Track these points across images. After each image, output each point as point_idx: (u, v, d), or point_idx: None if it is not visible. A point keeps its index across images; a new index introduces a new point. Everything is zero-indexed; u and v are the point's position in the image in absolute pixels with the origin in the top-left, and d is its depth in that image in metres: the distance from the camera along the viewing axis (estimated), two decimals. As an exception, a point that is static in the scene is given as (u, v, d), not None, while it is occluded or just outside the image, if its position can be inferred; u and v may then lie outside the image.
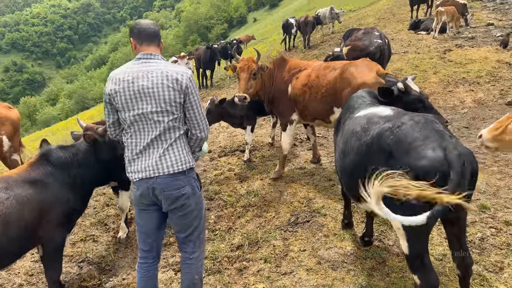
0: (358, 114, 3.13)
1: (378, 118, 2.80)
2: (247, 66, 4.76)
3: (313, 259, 3.63)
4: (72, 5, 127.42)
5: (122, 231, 4.55)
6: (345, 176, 3.14)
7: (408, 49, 11.23)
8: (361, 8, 24.49)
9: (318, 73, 4.84)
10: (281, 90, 5.11)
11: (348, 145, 2.96)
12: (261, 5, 69.11)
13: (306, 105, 4.94)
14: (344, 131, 3.18)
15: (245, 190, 5.19)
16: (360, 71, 4.37)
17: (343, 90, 4.41)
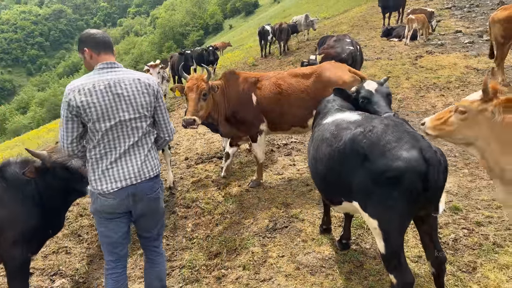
0: (326, 121, 3.19)
1: (347, 123, 2.86)
2: (196, 86, 4.32)
3: (292, 265, 3.62)
4: (43, 12, 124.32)
5: None
6: (319, 181, 3.18)
7: (381, 56, 11.49)
8: (335, 15, 24.95)
9: (289, 80, 4.88)
10: (241, 103, 4.85)
11: (319, 151, 3.00)
12: (236, 12, 69.42)
13: (282, 113, 4.88)
14: (314, 137, 3.23)
15: (223, 197, 5.15)
16: (335, 72, 4.84)
17: (323, 92, 4.59)
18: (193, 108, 4.25)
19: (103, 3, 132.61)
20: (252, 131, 5.00)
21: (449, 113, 2.72)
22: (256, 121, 4.95)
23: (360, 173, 2.54)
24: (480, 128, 2.53)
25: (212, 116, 4.73)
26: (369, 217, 2.57)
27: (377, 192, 2.46)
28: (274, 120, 4.97)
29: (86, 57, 2.66)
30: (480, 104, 2.50)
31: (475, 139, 2.57)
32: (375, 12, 19.34)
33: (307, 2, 42.36)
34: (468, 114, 2.55)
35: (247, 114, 4.88)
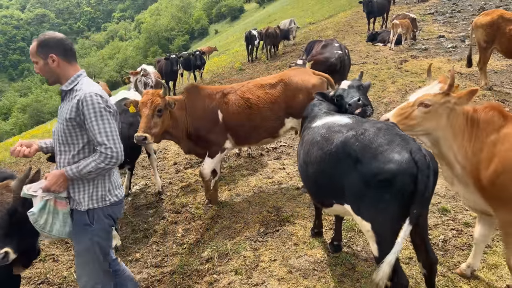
0: (316, 124, 3.21)
1: (338, 126, 2.89)
2: (151, 101, 4.00)
3: (284, 268, 3.61)
4: (25, 16, 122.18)
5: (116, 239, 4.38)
6: (310, 184, 3.20)
7: (367, 60, 11.64)
8: (320, 20, 25.20)
9: (257, 92, 4.67)
10: (206, 120, 4.51)
11: (310, 154, 3.02)
12: (222, 17, 69.41)
13: (253, 127, 4.66)
14: (304, 141, 3.24)
15: (213, 202, 5.11)
16: (302, 77, 4.81)
17: (294, 98, 4.66)
18: (145, 125, 3.90)
19: (87, 8, 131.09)
20: (214, 148, 4.63)
21: (410, 108, 2.92)
22: (221, 139, 4.63)
23: (352, 176, 2.55)
24: (440, 119, 2.84)
25: (170, 133, 4.37)
26: (361, 220, 2.59)
27: (369, 195, 2.47)
28: (243, 135, 4.71)
29: (50, 64, 2.55)
30: (443, 97, 2.82)
31: (434, 129, 2.87)
32: (360, 17, 19.62)
33: (292, 7, 42.71)
34: (432, 107, 2.82)
35: (212, 132, 4.54)
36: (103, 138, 2.51)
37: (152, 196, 5.58)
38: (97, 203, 2.66)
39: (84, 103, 2.48)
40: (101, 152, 2.51)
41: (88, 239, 2.65)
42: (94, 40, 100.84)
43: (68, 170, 2.52)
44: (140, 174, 6.49)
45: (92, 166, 2.50)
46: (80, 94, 2.52)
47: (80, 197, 2.64)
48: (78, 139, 2.59)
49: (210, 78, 15.76)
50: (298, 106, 4.62)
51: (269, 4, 58.09)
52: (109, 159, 2.52)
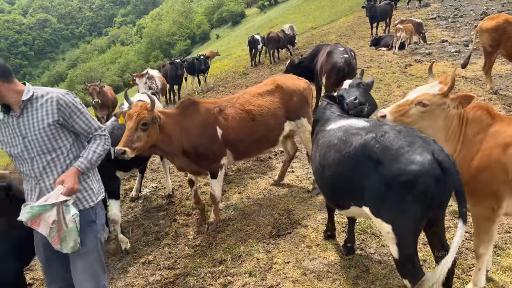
0: (331, 127, 3.23)
1: (356, 129, 2.90)
2: (137, 113, 3.77)
3: (298, 271, 3.63)
4: (27, 21, 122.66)
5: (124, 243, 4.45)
6: (326, 187, 3.21)
7: (371, 64, 11.69)
8: (322, 25, 25.31)
9: (257, 101, 4.63)
10: (203, 136, 4.29)
11: (326, 157, 3.03)
12: (223, 22, 69.65)
13: (256, 140, 4.58)
14: (319, 144, 3.25)
15: (224, 204, 5.14)
16: (292, 81, 5.01)
17: (290, 101, 4.81)
18: (126, 138, 3.66)
19: (88, 13, 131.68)
20: (214, 166, 4.44)
21: (408, 105, 2.94)
22: (219, 156, 4.44)
23: (373, 178, 2.57)
24: (435, 119, 2.90)
25: (161, 148, 4.11)
26: (382, 222, 2.59)
27: (390, 197, 2.48)
28: (243, 149, 4.59)
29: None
30: (441, 98, 2.86)
31: (427, 128, 2.92)
32: (362, 22, 19.71)
33: (293, 12, 42.89)
34: (429, 107, 2.87)
35: (210, 148, 4.33)
36: (97, 123, 2.73)
37: (162, 199, 5.61)
38: (97, 197, 2.75)
39: (66, 101, 2.58)
40: (100, 135, 2.71)
41: (94, 236, 2.67)
42: (96, 44, 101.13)
43: (80, 164, 2.54)
44: (149, 177, 6.51)
45: (100, 149, 2.65)
46: (54, 95, 2.57)
47: (85, 194, 2.67)
48: (64, 140, 2.61)
49: (213, 82, 15.82)
50: (293, 109, 4.86)
51: (270, 9, 58.38)
52: (107, 139, 2.74)
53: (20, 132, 2.53)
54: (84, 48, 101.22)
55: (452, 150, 2.86)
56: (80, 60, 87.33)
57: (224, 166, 4.55)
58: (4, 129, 2.58)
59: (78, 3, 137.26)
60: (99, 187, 2.82)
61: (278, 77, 5.10)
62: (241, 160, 4.91)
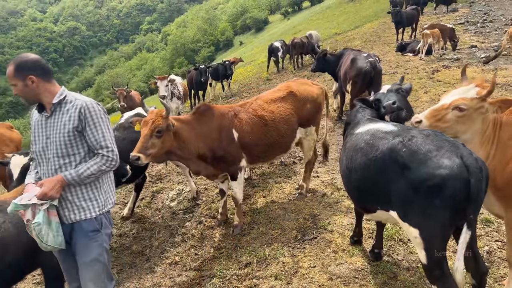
0: (359, 130, 3.22)
1: (383, 133, 2.89)
2: (152, 121, 3.81)
3: (324, 275, 3.61)
4: (58, 29, 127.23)
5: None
6: (353, 190, 3.20)
7: (397, 70, 11.53)
8: (346, 31, 25.15)
9: (270, 108, 4.65)
10: (221, 139, 4.33)
11: (353, 161, 3.03)
12: (247, 28, 70.28)
13: (269, 145, 4.61)
14: (347, 147, 3.26)
15: (249, 208, 5.17)
16: (305, 87, 5.03)
17: (303, 108, 4.86)
18: (141, 145, 3.70)
19: (116, 20, 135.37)
20: (233, 168, 4.50)
21: (444, 110, 2.86)
22: (237, 158, 4.49)
23: (400, 182, 2.55)
24: (471, 123, 2.81)
25: (177, 154, 4.15)
26: (409, 226, 2.57)
27: (418, 201, 2.46)
28: (257, 154, 4.61)
29: (30, 85, 2.58)
30: (478, 102, 2.77)
31: (463, 133, 2.85)
32: (387, 28, 19.48)
33: (317, 18, 42.79)
34: (466, 111, 2.78)
35: (228, 151, 4.37)
36: (106, 142, 2.67)
37: (188, 201, 5.69)
38: (104, 207, 2.76)
39: (87, 110, 2.62)
40: (103, 155, 2.65)
41: (98, 245, 2.69)
42: (122, 51, 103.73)
43: (67, 175, 2.56)
44: (175, 180, 6.62)
45: (94, 169, 2.61)
46: (79, 103, 2.64)
47: (89, 204, 2.69)
48: (79, 148, 2.66)
49: (237, 88, 15.96)
50: (306, 116, 4.91)
51: (293, 16, 58.50)
52: (110, 161, 2.68)
53: (45, 133, 2.66)
54: (111, 54, 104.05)
55: (486, 155, 2.79)
56: (107, 66, 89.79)
57: (243, 168, 4.60)
58: (35, 128, 2.73)
59: (106, 11, 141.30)
60: (107, 198, 2.81)
61: (291, 83, 5.10)
62: (254, 164, 4.93)
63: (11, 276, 2.94)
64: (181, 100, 10.71)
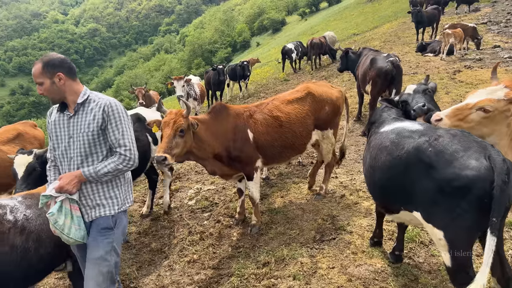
0: (384, 129, 3.18)
1: (409, 132, 2.83)
2: (173, 121, 3.80)
3: (343, 277, 3.57)
4: (79, 30, 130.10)
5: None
6: (376, 190, 3.16)
7: (417, 71, 11.35)
8: (365, 32, 24.90)
9: (286, 109, 4.62)
10: (236, 139, 4.32)
11: (378, 160, 2.98)
12: (264, 29, 70.31)
13: (284, 146, 4.58)
14: (371, 146, 3.22)
15: (266, 208, 5.16)
16: (325, 89, 5.01)
17: (321, 110, 4.84)
18: (165, 145, 3.70)
19: (135, 22, 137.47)
20: (248, 168, 4.47)
21: (468, 110, 2.76)
22: (253, 158, 4.46)
23: (424, 182, 2.50)
24: (496, 125, 2.71)
25: (194, 153, 4.14)
26: (433, 227, 2.52)
27: (443, 202, 2.41)
28: (272, 155, 4.58)
29: (57, 82, 2.62)
30: (506, 104, 2.65)
31: (487, 135, 2.75)
32: (407, 28, 19.20)
33: (335, 19, 42.52)
34: (491, 113, 2.68)
35: (244, 151, 4.35)
36: (125, 141, 2.68)
37: (206, 200, 5.72)
38: (122, 206, 2.79)
39: (110, 108, 2.66)
40: (121, 154, 2.66)
41: (107, 243, 2.68)
42: (141, 52, 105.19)
43: (86, 171, 2.58)
44: (194, 179, 6.67)
45: (111, 167, 2.62)
46: (103, 102, 2.68)
47: (109, 202, 2.73)
48: (102, 147, 2.70)
49: (254, 88, 15.99)
50: (324, 118, 4.87)
51: (311, 16, 58.30)
52: (128, 161, 2.67)
53: (68, 132, 2.69)
54: (130, 56, 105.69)
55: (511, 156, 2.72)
56: (126, 67, 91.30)
57: (259, 168, 4.58)
58: (56, 127, 2.74)
59: (126, 13, 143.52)
60: (125, 197, 2.85)
61: (311, 85, 5.06)
62: (269, 165, 4.92)
63: (44, 267, 3.02)
64: (198, 101, 10.76)
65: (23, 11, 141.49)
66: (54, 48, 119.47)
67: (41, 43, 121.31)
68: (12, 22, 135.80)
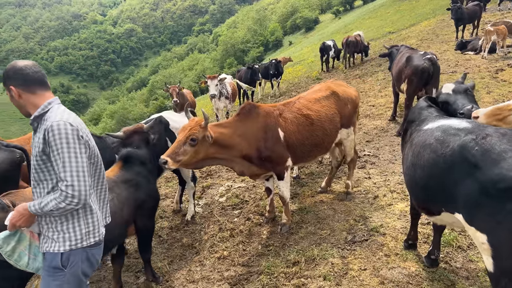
0: (428, 127, 3.07)
1: (455, 130, 2.72)
2: (189, 128, 3.80)
3: (376, 279, 3.48)
4: (117, 31, 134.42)
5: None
6: (417, 189, 3.05)
7: (456, 69, 10.91)
8: (401, 30, 24.21)
9: (315, 107, 4.59)
10: (267, 138, 4.25)
11: (420, 157, 2.89)
12: (296, 28, 69.85)
13: (314, 144, 4.54)
14: (414, 143, 3.11)
15: (297, 207, 5.12)
16: (345, 88, 5.06)
17: (344, 108, 4.86)
18: (172, 150, 3.71)
19: (170, 22, 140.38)
20: (279, 168, 4.42)
21: (508, 111, 2.69)
22: (284, 157, 4.39)
23: (468, 183, 2.39)
24: None
25: (219, 158, 4.14)
26: (476, 231, 2.40)
27: (487, 204, 2.29)
28: (301, 154, 4.52)
29: (14, 95, 2.28)
30: None
31: None
32: (446, 26, 18.51)
33: (369, 17, 41.60)
34: None
35: (274, 150, 4.29)
36: (65, 174, 2.16)
37: (236, 197, 5.74)
38: (75, 244, 2.30)
39: (51, 132, 2.16)
40: (62, 190, 2.16)
41: (55, 286, 2.28)
42: (175, 52, 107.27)
43: (31, 206, 2.22)
44: (225, 176, 6.72)
45: (52, 205, 2.16)
46: (48, 123, 2.19)
47: (55, 236, 2.29)
48: (51, 174, 2.27)
49: (286, 87, 15.91)
50: (347, 116, 4.91)
51: (345, 15, 57.34)
52: (70, 199, 2.16)
53: None
54: (164, 55, 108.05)
55: None
56: (161, 66, 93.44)
57: (289, 167, 4.53)
58: None
59: (161, 13, 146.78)
60: (87, 232, 2.35)
61: (331, 84, 5.07)
62: (297, 164, 4.90)
63: (113, 245, 3.43)
64: (230, 99, 10.83)
65: (64, 12, 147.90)
66: (93, 48, 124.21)
67: (81, 43, 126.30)
68: (54, 23, 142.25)
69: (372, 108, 9.12)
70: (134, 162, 3.78)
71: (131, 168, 3.73)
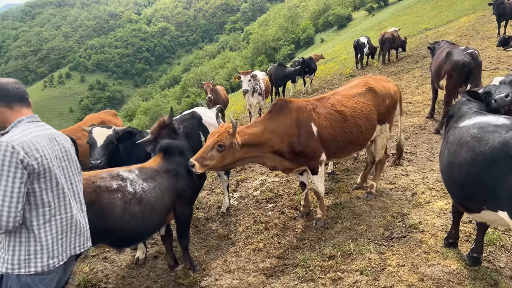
0: (464, 124, 3.01)
1: (493, 127, 2.66)
2: (218, 134, 3.89)
3: (415, 275, 3.43)
4: (151, 29, 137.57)
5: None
6: (455, 187, 2.99)
7: (499, 66, 10.49)
8: (438, 26, 23.45)
9: (350, 103, 4.52)
10: (300, 133, 4.26)
11: (456, 156, 2.83)
12: (328, 26, 68.94)
13: (348, 140, 4.50)
14: (450, 141, 3.05)
15: (332, 202, 5.10)
16: (383, 84, 4.93)
17: (382, 104, 4.74)
18: (200, 154, 3.82)
19: (202, 21, 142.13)
20: (313, 162, 4.40)
21: None
22: (318, 152, 4.37)
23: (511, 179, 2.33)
24: None
25: (249, 158, 4.24)
26: None
27: None
28: (336, 150, 4.50)
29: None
30: None
31: None
32: (487, 21, 17.78)
33: (405, 14, 40.50)
34: None
35: (307, 145, 4.28)
36: None
37: (270, 191, 5.78)
38: (12, 268, 2.13)
39: None
40: None
41: None
42: (207, 50, 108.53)
43: None
44: (258, 171, 6.77)
45: None
46: None
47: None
48: None
49: (318, 84, 15.79)
50: (384, 112, 4.79)
51: (379, 12, 56.08)
52: None
53: None
54: (196, 53, 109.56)
55: None
56: (193, 64, 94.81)
57: (323, 162, 4.49)
58: None
59: (194, 12, 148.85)
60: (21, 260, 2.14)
61: (369, 79, 4.95)
62: (330, 160, 4.86)
63: (154, 230, 3.66)
64: (262, 96, 10.87)
65: (101, 11, 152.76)
66: (128, 46, 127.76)
67: (117, 42, 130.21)
68: (92, 22, 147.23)
69: (409, 105, 8.91)
70: (173, 153, 3.90)
71: (171, 159, 3.85)
